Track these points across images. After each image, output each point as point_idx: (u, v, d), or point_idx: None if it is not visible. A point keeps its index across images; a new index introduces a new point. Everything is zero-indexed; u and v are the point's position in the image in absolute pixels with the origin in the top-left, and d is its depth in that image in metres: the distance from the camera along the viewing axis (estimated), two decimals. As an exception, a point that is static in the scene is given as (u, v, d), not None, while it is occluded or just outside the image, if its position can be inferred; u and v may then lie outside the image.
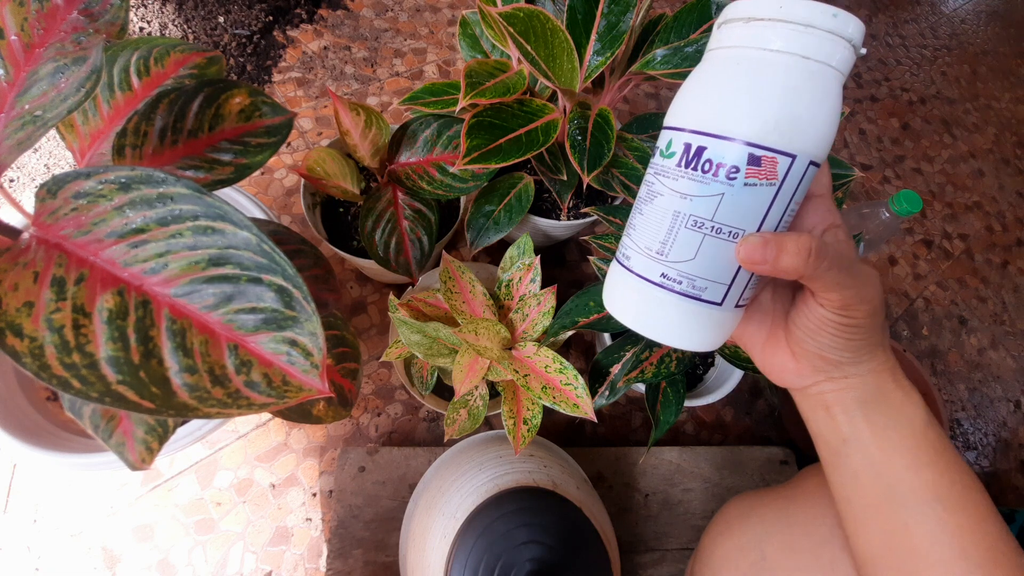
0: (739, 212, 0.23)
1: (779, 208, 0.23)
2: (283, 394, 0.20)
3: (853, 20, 0.22)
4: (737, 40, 0.23)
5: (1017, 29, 1.42)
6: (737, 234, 0.23)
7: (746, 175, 0.22)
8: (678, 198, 0.24)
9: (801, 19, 0.22)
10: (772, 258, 0.22)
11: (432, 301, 0.51)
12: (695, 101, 0.24)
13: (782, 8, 0.22)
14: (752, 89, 0.22)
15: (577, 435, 0.65)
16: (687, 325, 0.25)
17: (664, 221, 0.24)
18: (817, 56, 0.22)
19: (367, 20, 0.88)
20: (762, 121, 0.22)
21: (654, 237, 0.25)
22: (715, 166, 0.23)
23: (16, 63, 0.24)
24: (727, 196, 0.23)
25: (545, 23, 0.44)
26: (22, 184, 0.64)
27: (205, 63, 0.34)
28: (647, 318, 0.26)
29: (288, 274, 0.21)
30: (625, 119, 0.87)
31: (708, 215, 0.23)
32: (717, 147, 0.23)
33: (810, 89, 0.22)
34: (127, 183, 0.20)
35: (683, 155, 0.24)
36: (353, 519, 0.54)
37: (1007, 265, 0.99)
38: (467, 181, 0.51)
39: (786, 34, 0.22)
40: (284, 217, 0.69)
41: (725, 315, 0.25)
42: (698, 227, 0.24)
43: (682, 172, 0.24)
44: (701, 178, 0.23)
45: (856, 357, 0.26)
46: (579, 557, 0.42)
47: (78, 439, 0.46)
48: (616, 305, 0.28)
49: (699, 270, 0.24)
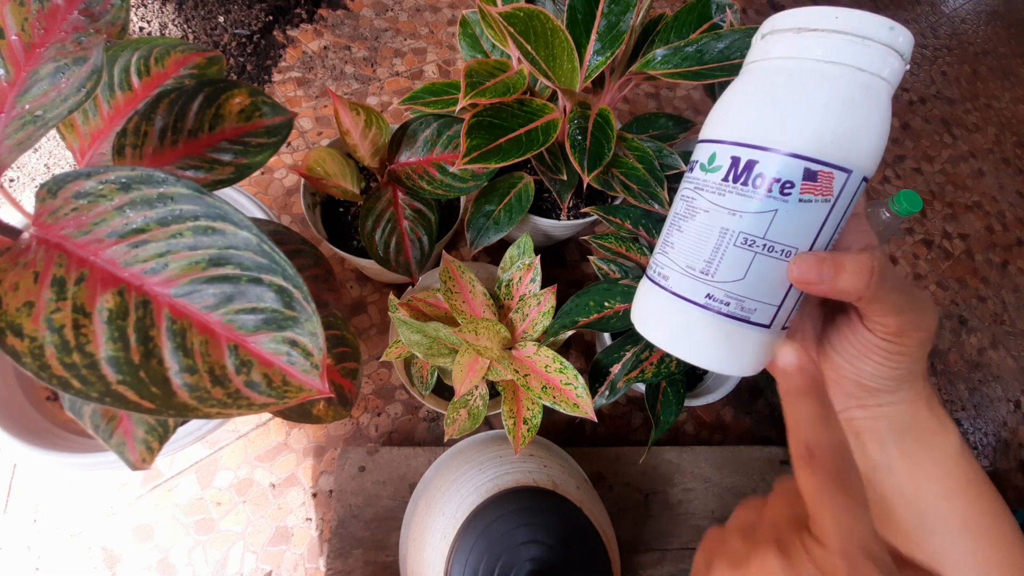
0: (793, 229, 0.22)
1: (831, 226, 0.22)
2: (283, 394, 0.20)
3: (905, 32, 0.22)
4: (787, 51, 0.22)
5: (1017, 29, 1.42)
6: (790, 252, 0.22)
7: (801, 191, 0.21)
8: (726, 214, 0.23)
9: (858, 31, 0.21)
10: (830, 278, 0.21)
11: (432, 301, 0.51)
12: (741, 113, 0.23)
13: (838, 19, 0.21)
14: (809, 101, 0.21)
15: (577, 435, 0.65)
16: (732, 348, 0.24)
17: (709, 239, 0.23)
18: (872, 68, 0.21)
19: (367, 20, 0.88)
20: (820, 134, 0.21)
21: (697, 256, 0.24)
22: (768, 181, 0.22)
23: (16, 63, 0.24)
24: (781, 212, 0.22)
25: (545, 23, 0.44)
26: (22, 184, 0.64)
27: (205, 63, 0.34)
28: (688, 341, 0.25)
29: (288, 274, 0.21)
30: (625, 119, 0.87)
31: (760, 233, 0.22)
32: (770, 161, 0.22)
33: (865, 102, 0.21)
34: (127, 183, 0.20)
35: (730, 169, 0.23)
36: (353, 519, 0.54)
37: (1007, 265, 0.99)
38: (467, 181, 0.51)
39: (842, 46, 0.21)
40: (284, 217, 0.69)
41: (771, 338, 0.24)
42: (749, 245, 0.22)
43: (730, 187, 0.23)
44: (752, 193, 0.22)
45: (896, 386, 0.25)
46: (579, 557, 0.42)
47: (78, 439, 0.46)
48: (651, 327, 0.26)
49: (749, 291, 0.23)
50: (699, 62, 0.43)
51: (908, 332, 0.23)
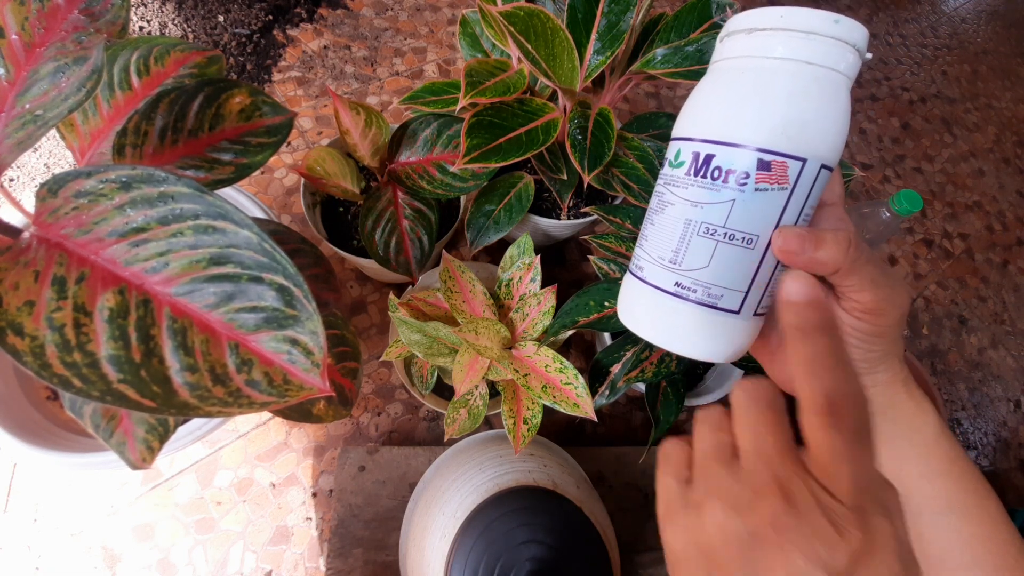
0: (752, 217, 0.23)
1: (792, 212, 0.23)
2: (284, 393, 0.20)
3: (855, 25, 0.22)
4: (740, 51, 0.24)
5: (1018, 29, 1.42)
6: (751, 240, 0.23)
7: (756, 180, 0.22)
8: (689, 206, 0.24)
9: (802, 26, 0.22)
10: (811, 248, 0.22)
11: (432, 300, 0.51)
12: (702, 111, 0.25)
13: (783, 17, 0.22)
14: (758, 95, 0.23)
15: (577, 435, 0.65)
16: (704, 334, 0.25)
17: (676, 230, 0.24)
18: (821, 61, 0.22)
19: (367, 19, 0.88)
20: (770, 126, 0.22)
21: (666, 246, 0.25)
22: (725, 172, 0.23)
23: (17, 62, 0.24)
24: (739, 202, 0.23)
25: (545, 22, 0.44)
26: (22, 183, 0.64)
27: (205, 62, 0.34)
28: (664, 329, 0.26)
29: (289, 273, 0.21)
30: (625, 118, 0.87)
31: (720, 221, 0.23)
32: (726, 154, 0.23)
33: (816, 93, 0.22)
34: (128, 182, 0.20)
35: (692, 164, 0.24)
36: (353, 518, 0.54)
37: (1007, 264, 0.99)
38: (467, 180, 0.51)
39: (788, 41, 0.22)
40: (284, 216, 0.69)
41: (743, 324, 0.25)
42: (711, 234, 0.23)
43: (692, 180, 0.24)
44: (711, 185, 0.23)
45: (871, 368, 0.25)
46: (579, 556, 0.42)
47: (78, 438, 0.46)
48: (631, 317, 0.28)
49: (714, 277, 0.24)
50: (699, 61, 0.43)
51: (883, 309, 0.23)
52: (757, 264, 0.24)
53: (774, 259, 0.24)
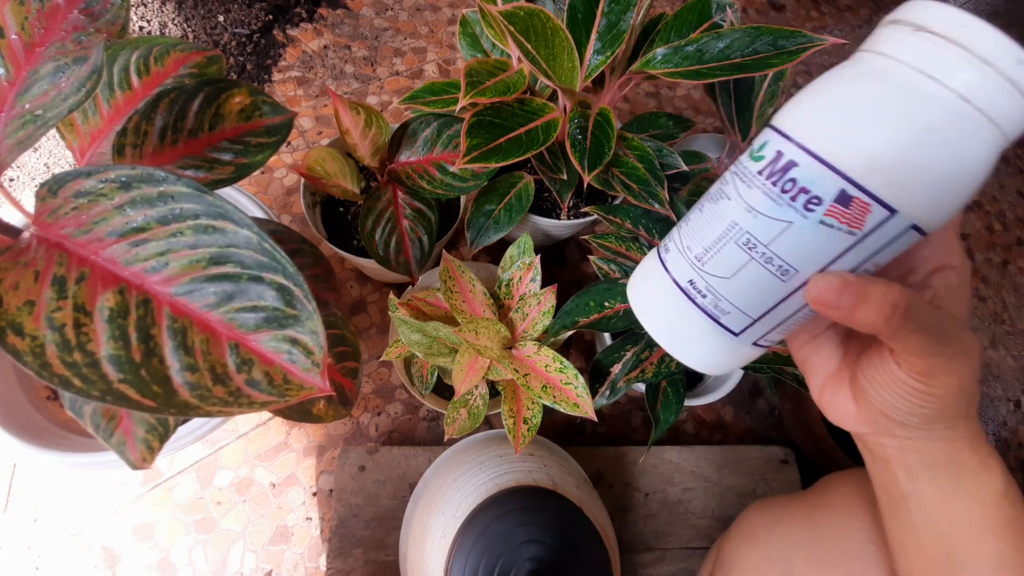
0: (801, 249, 0.19)
1: (849, 262, 0.19)
2: (284, 392, 0.20)
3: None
4: (894, 48, 0.19)
5: (1018, 29, 1.42)
6: (787, 272, 0.20)
7: (826, 212, 0.18)
8: (743, 209, 0.20)
9: (979, 50, 0.17)
10: (848, 305, 0.18)
11: (432, 300, 0.51)
12: (809, 105, 0.20)
13: (962, 28, 0.18)
14: (879, 112, 0.18)
15: (577, 434, 0.65)
16: (694, 340, 0.23)
17: (717, 227, 0.21)
18: (980, 102, 0.17)
19: (367, 19, 0.88)
20: (874, 155, 0.18)
21: (699, 240, 0.22)
22: (797, 188, 0.19)
23: (17, 62, 0.24)
24: (795, 227, 0.19)
25: (545, 22, 0.43)
26: (22, 183, 0.64)
27: (205, 62, 0.34)
28: (658, 318, 0.24)
29: (289, 272, 0.21)
30: (625, 118, 0.87)
31: (765, 239, 0.20)
32: (809, 167, 0.19)
33: (953, 138, 0.17)
34: (128, 182, 0.20)
35: (770, 163, 0.20)
36: (353, 518, 0.54)
37: (1007, 264, 0.99)
38: (467, 180, 0.51)
39: (953, 61, 0.17)
40: (284, 216, 0.69)
41: (737, 347, 0.23)
42: (749, 247, 0.20)
43: (760, 182, 0.20)
44: (777, 196, 0.19)
45: (925, 424, 0.23)
46: (579, 556, 0.42)
47: (78, 438, 0.46)
48: (635, 293, 0.25)
49: (729, 292, 0.21)
50: (699, 61, 0.43)
51: (937, 375, 0.20)
52: (781, 298, 0.21)
53: (803, 301, 0.20)
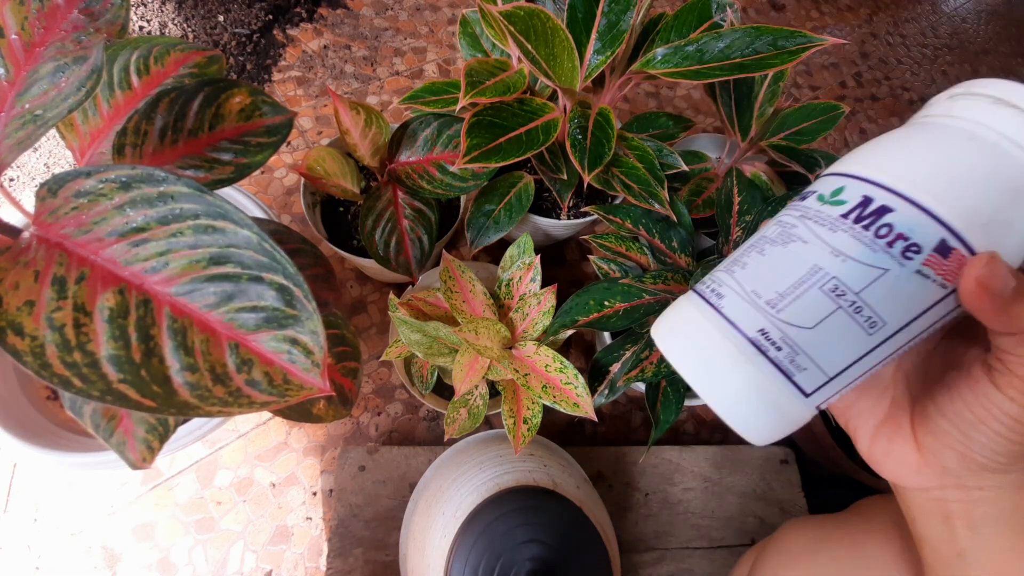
0: (893, 300, 0.19)
1: (931, 318, 0.19)
2: (284, 392, 0.20)
3: None
4: (975, 116, 0.19)
5: (1018, 28, 1.42)
6: (875, 324, 0.19)
7: (925, 262, 0.18)
8: (828, 253, 0.19)
9: None
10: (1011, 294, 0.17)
11: (432, 300, 0.51)
12: (896, 156, 0.20)
13: None
14: (978, 170, 0.18)
15: (577, 434, 0.65)
16: (754, 402, 0.20)
17: (795, 271, 0.20)
18: None
19: (367, 19, 0.88)
20: (976, 209, 0.18)
21: (771, 285, 0.20)
22: (895, 235, 0.18)
23: (16, 62, 0.24)
24: (890, 274, 0.18)
25: (545, 22, 0.43)
26: (22, 183, 0.64)
27: (205, 62, 0.34)
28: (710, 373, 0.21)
29: (289, 272, 0.21)
30: (625, 118, 0.87)
31: (856, 287, 0.19)
32: (908, 213, 0.18)
33: None
34: (128, 182, 0.20)
35: (857, 208, 0.19)
36: (353, 518, 0.54)
37: (1007, 264, 0.99)
38: (467, 180, 0.51)
39: None
40: (284, 216, 0.69)
41: (800, 410, 0.20)
42: (836, 294, 0.19)
43: (846, 226, 0.19)
44: (871, 242, 0.19)
45: (1009, 465, 0.21)
46: (579, 556, 0.42)
47: (78, 438, 0.46)
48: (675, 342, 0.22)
49: (810, 345, 0.19)
50: (699, 61, 0.43)
51: None
52: (863, 353, 0.19)
53: (882, 356, 0.20)
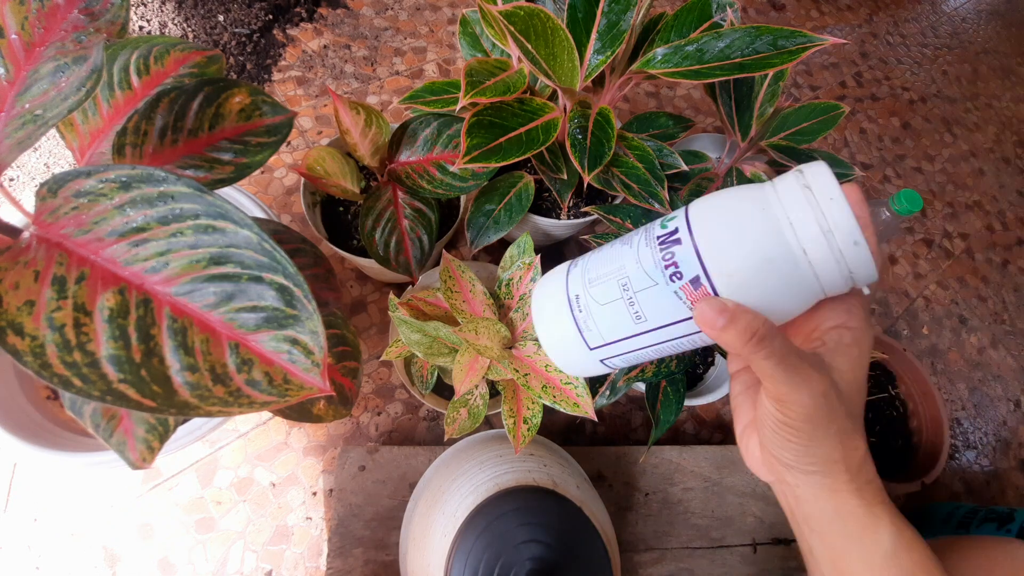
0: (654, 305, 0.25)
1: (684, 329, 0.25)
2: (284, 392, 0.20)
3: (868, 262, 0.21)
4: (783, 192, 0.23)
5: (1018, 28, 1.42)
6: (641, 317, 0.25)
7: (682, 287, 0.24)
8: (634, 260, 0.25)
9: (830, 219, 0.21)
10: (720, 326, 0.22)
11: (432, 300, 0.51)
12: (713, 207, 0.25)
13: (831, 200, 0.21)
14: (746, 235, 0.23)
15: (577, 434, 0.65)
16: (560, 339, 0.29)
17: (612, 264, 0.26)
18: (813, 260, 0.22)
19: (367, 19, 0.88)
20: (727, 262, 0.23)
21: (596, 269, 0.27)
22: (672, 261, 0.24)
23: (16, 62, 0.24)
24: (658, 288, 0.24)
25: (545, 22, 0.43)
26: (22, 183, 0.64)
27: (205, 62, 0.34)
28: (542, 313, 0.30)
29: (289, 272, 0.21)
30: (625, 118, 0.87)
31: (636, 287, 0.25)
32: (687, 250, 0.24)
33: (785, 274, 0.22)
34: (128, 182, 0.20)
35: (667, 235, 0.25)
36: (353, 518, 0.54)
37: (1007, 264, 0.99)
38: (467, 180, 0.51)
39: (809, 221, 0.22)
40: (284, 216, 0.69)
41: (589, 358, 0.28)
42: (623, 288, 0.25)
43: (654, 246, 0.25)
44: (658, 261, 0.24)
45: (799, 464, 0.25)
46: (579, 556, 0.42)
47: (79, 438, 0.46)
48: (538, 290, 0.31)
49: (598, 315, 0.27)
50: (699, 61, 0.43)
51: (787, 402, 0.23)
52: (630, 335, 0.26)
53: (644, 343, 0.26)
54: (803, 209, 0.22)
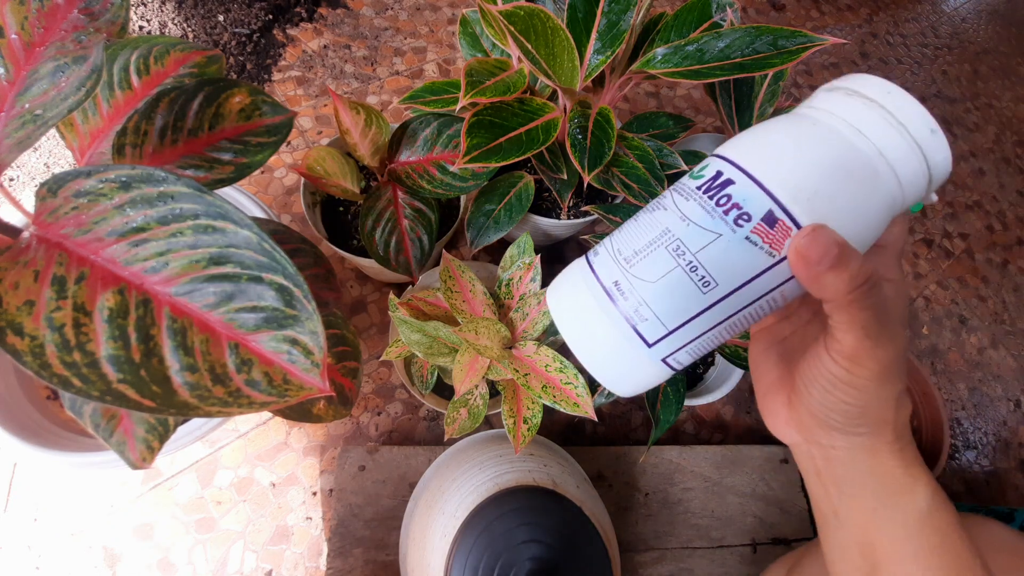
0: (724, 262, 0.21)
1: (766, 284, 0.21)
2: (284, 393, 0.20)
3: (946, 148, 0.20)
4: (829, 106, 0.21)
5: (1018, 28, 1.42)
6: (708, 283, 0.21)
7: (753, 229, 0.20)
8: (678, 218, 0.22)
9: (899, 114, 0.20)
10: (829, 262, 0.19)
11: (432, 300, 0.51)
12: (750, 139, 0.22)
13: (889, 95, 0.20)
14: (809, 150, 0.20)
15: (577, 434, 0.65)
16: (607, 347, 0.23)
17: (650, 232, 0.22)
18: (892, 160, 0.20)
19: (367, 19, 0.87)
20: (801, 185, 0.20)
21: (631, 244, 0.23)
22: (731, 204, 0.20)
23: (16, 62, 0.24)
24: (723, 239, 0.20)
25: (546, 21, 0.43)
26: (22, 183, 0.64)
27: (205, 62, 0.34)
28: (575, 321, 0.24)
29: (289, 273, 0.21)
30: (625, 118, 0.87)
31: (694, 248, 0.21)
32: (744, 186, 0.21)
33: (866, 184, 0.20)
34: (128, 182, 0.20)
35: (710, 180, 0.22)
36: (353, 518, 0.54)
37: (1007, 264, 0.99)
38: (467, 180, 0.51)
39: (877, 120, 0.20)
40: (284, 216, 0.69)
41: (647, 362, 0.23)
42: (677, 254, 0.21)
43: (697, 196, 0.22)
44: (711, 209, 0.21)
45: (847, 425, 0.23)
46: (579, 556, 0.42)
47: (78, 438, 0.46)
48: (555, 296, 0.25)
49: (651, 298, 0.21)
50: (700, 61, 0.43)
51: (861, 359, 0.21)
52: (698, 311, 0.21)
53: (717, 318, 0.22)
54: (865, 111, 0.20)
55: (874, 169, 0.20)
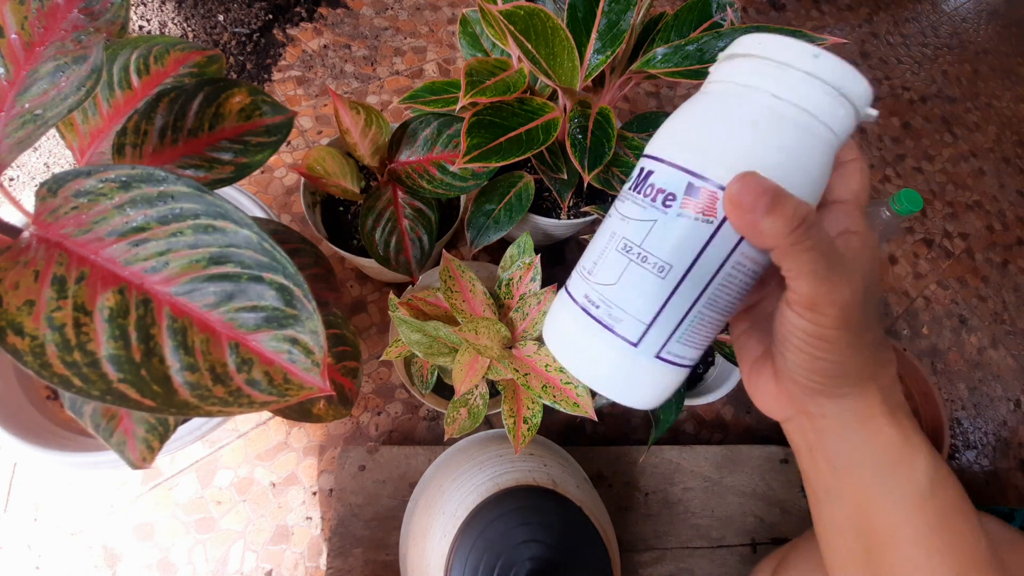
0: (669, 243, 0.21)
1: (719, 252, 0.21)
2: (284, 392, 0.20)
3: (840, 65, 0.20)
4: (717, 75, 0.22)
5: (1018, 28, 1.42)
6: (663, 268, 0.21)
7: (681, 204, 0.21)
8: (619, 219, 0.23)
9: (776, 56, 0.20)
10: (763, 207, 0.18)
11: (432, 300, 0.51)
12: (661, 130, 0.24)
13: (760, 44, 0.21)
14: (707, 116, 0.21)
15: (577, 434, 0.65)
16: (601, 361, 0.23)
17: (602, 240, 0.23)
18: (790, 98, 0.20)
19: (367, 18, 0.87)
20: (708, 150, 0.21)
21: (590, 257, 0.24)
22: (656, 191, 0.22)
23: (16, 62, 0.24)
24: (659, 223, 0.21)
25: (546, 21, 0.43)
26: (22, 183, 0.64)
27: (205, 61, 0.34)
28: (567, 344, 0.24)
29: (289, 272, 0.21)
30: (626, 118, 0.87)
31: (637, 240, 0.22)
32: (661, 172, 0.22)
33: (777, 128, 0.20)
34: (128, 181, 0.20)
35: (636, 178, 0.23)
36: (353, 518, 0.54)
37: (1007, 264, 0.99)
38: (467, 180, 0.51)
39: (757, 68, 0.21)
40: (284, 216, 0.69)
41: (643, 362, 0.23)
42: (626, 251, 0.22)
43: (631, 195, 0.23)
44: (641, 201, 0.22)
45: (829, 386, 0.22)
46: (579, 556, 0.42)
47: (79, 438, 0.46)
48: (549, 330, 0.26)
49: (618, 297, 0.22)
50: (700, 61, 0.43)
51: (820, 305, 0.20)
52: (666, 297, 0.22)
53: (689, 299, 0.22)
54: (745, 66, 0.21)
55: (778, 113, 0.20)
